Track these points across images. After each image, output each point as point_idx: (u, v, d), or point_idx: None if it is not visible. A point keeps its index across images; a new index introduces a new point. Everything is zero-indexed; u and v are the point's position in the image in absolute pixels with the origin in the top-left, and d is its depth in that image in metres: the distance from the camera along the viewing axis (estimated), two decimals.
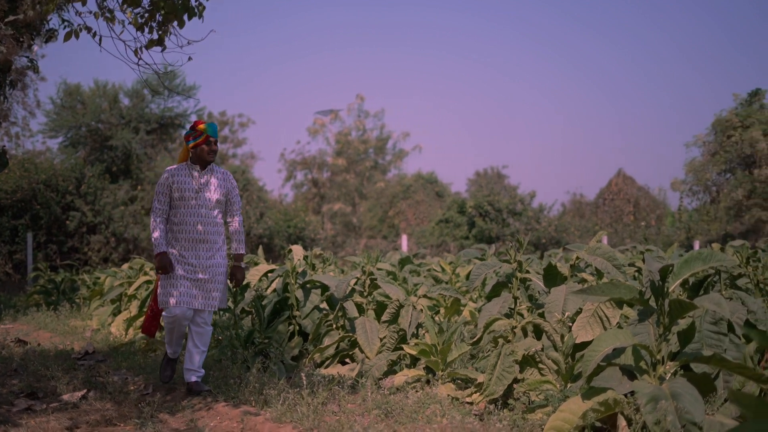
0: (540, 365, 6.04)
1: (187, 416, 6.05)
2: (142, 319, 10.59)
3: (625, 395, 4.94)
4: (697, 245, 31.89)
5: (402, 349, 7.22)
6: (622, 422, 4.91)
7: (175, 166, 7.08)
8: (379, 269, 9.06)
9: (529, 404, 5.64)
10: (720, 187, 44.37)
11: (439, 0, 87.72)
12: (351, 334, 7.70)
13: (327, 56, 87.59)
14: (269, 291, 9.01)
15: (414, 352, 6.78)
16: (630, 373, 5.11)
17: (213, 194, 7.00)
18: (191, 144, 6.99)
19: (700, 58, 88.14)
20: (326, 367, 7.67)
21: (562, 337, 5.91)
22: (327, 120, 50.45)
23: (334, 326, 8.07)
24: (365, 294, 8.14)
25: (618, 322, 5.83)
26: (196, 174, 6.99)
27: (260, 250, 11.36)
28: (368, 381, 6.67)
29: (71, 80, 42.12)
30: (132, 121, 30.07)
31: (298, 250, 9.26)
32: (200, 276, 6.88)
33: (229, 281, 7.18)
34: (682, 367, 5.22)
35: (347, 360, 7.82)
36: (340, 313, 8.04)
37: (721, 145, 42.96)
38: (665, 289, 5.00)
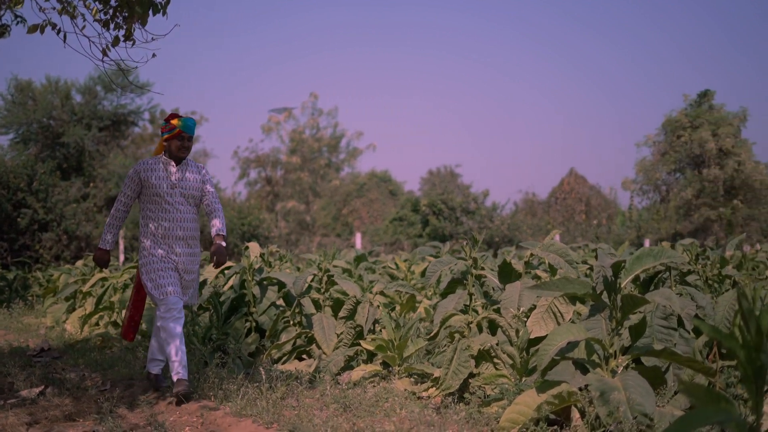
0: (495, 360, 6.15)
1: (146, 411, 6.08)
2: (97, 316, 10.57)
3: (579, 388, 5.06)
4: (647, 244, 32.30)
5: (359, 344, 7.31)
6: (575, 414, 5.04)
7: (149, 159, 6.91)
8: (335, 266, 9.14)
9: (485, 398, 5.75)
10: (670, 186, 44.96)
11: None
12: (308, 331, 7.76)
13: (281, 54, 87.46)
14: (226, 288, 9.06)
15: (371, 348, 6.86)
16: (583, 367, 5.24)
17: (189, 189, 6.84)
18: (165, 137, 6.82)
19: (651, 59, 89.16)
20: (283, 363, 7.73)
21: (517, 332, 6.02)
22: (281, 118, 50.42)
23: (291, 323, 8.13)
24: (322, 291, 8.21)
25: (571, 318, 5.96)
26: (172, 169, 6.82)
27: None
28: (326, 376, 6.76)
29: (22, 76, 41.61)
30: (84, 117, 29.79)
31: (254, 248, 9.30)
32: (181, 269, 6.75)
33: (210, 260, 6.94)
34: (634, 360, 5.35)
35: (304, 356, 7.89)
36: (297, 310, 8.10)
37: (671, 145, 43.55)
38: (617, 285, 5.13)
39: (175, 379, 6.45)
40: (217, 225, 6.87)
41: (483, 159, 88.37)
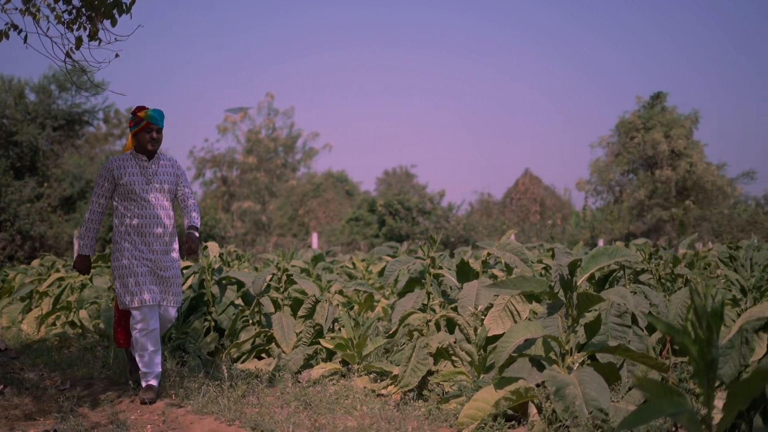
0: (453, 357, 6.25)
1: (107, 410, 6.08)
2: (54, 316, 10.52)
3: (536, 385, 5.16)
4: (601, 244, 32.61)
5: (318, 343, 7.36)
6: (532, 410, 5.14)
7: (119, 155, 6.67)
8: (293, 266, 9.17)
9: (444, 395, 5.83)
10: (623, 187, 45.45)
11: None
12: (267, 330, 7.80)
13: (237, 54, 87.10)
14: (185, 287, 9.06)
15: (330, 346, 6.92)
16: (540, 364, 5.34)
17: (163, 184, 6.62)
18: (133, 131, 6.58)
19: (605, 61, 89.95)
20: (243, 362, 7.76)
21: (475, 329, 6.11)
22: (237, 117, 50.21)
23: (251, 322, 8.16)
24: (281, 290, 8.25)
25: (527, 317, 6.06)
26: (143, 164, 6.58)
27: None
28: (285, 375, 6.81)
29: None
30: (38, 116, 29.54)
31: (213, 247, 9.31)
32: (158, 271, 6.50)
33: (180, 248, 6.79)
34: (589, 357, 5.46)
35: (263, 355, 7.92)
36: (256, 309, 8.13)
37: (625, 146, 44.03)
38: (574, 283, 5.23)
39: (143, 384, 6.41)
40: (191, 216, 6.80)
41: (439, 159, 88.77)
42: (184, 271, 9.11)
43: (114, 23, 6.26)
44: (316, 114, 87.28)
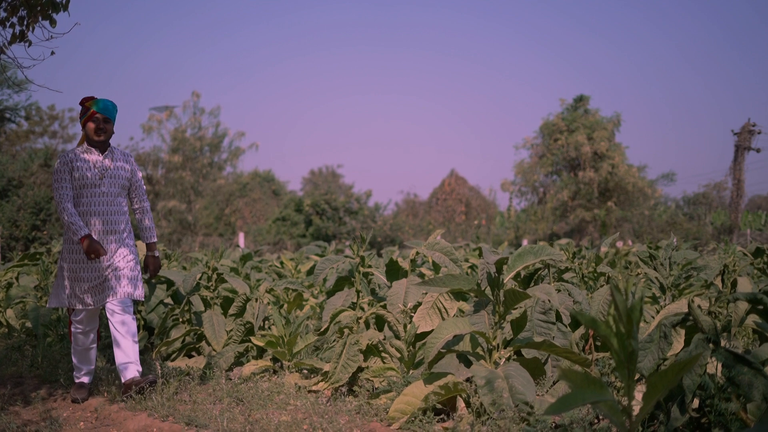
0: (383, 354, 6.37)
1: (39, 407, 6.06)
2: None
3: (465, 379, 5.31)
4: (525, 244, 33.06)
5: (249, 341, 7.43)
6: (461, 404, 5.28)
7: (73, 149, 6.42)
8: (222, 265, 9.20)
9: (374, 390, 5.94)
10: (547, 188, 46.07)
11: None
12: (198, 328, 7.83)
13: (162, 52, 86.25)
14: None
15: (261, 344, 6.99)
16: (468, 359, 5.49)
17: (117, 179, 6.41)
18: (81, 122, 6.41)
19: (531, 63, 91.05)
20: (173, 360, 7.78)
21: (405, 327, 6.23)
22: (162, 116, 49.70)
23: (181, 320, 8.18)
24: (211, 288, 8.28)
25: (455, 314, 6.20)
26: (96, 157, 6.38)
27: None
28: (216, 372, 6.86)
29: None
30: None
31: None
32: (110, 267, 6.24)
33: (143, 272, 6.60)
34: (516, 352, 5.63)
35: (194, 353, 7.95)
36: (186, 308, 8.15)
37: (549, 148, 44.64)
38: (501, 281, 5.38)
39: (76, 381, 6.38)
40: (147, 231, 6.69)
41: (365, 160, 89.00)
42: None
43: (53, 24, 6.23)
44: (243, 113, 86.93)
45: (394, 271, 7.39)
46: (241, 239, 25.74)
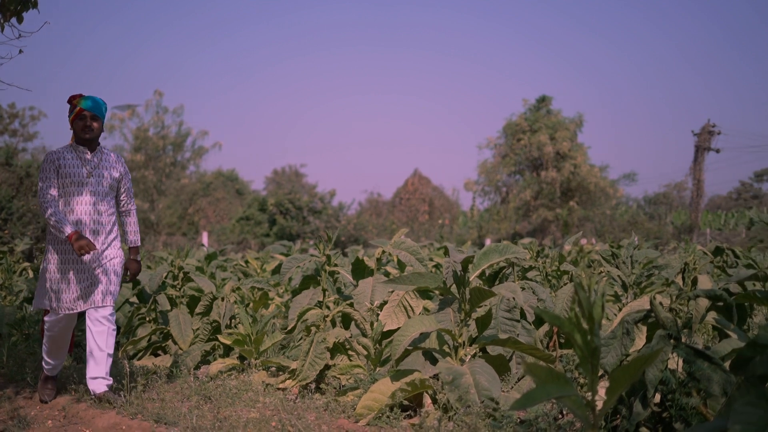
0: (350, 352, 6.44)
1: (6, 406, 6.04)
2: None
3: (431, 376, 5.39)
4: (488, 243, 33.25)
5: (216, 339, 7.46)
6: (427, 400, 5.35)
7: (61, 147, 6.24)
8: (187, 264, 9.21)
9: (341, 388, 6.01)
10: (510, 187, 46.28)
11: None
12: (164, 327, 7.85)
13: (125, 51, 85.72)
14: None
15: (228, 342, 7.02)
16: (434, 356, 5.57)
17: (105, 179, 6.20)
18: (69, 119, 6.19)
19: (494, 64, 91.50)
20: (139, 359, 7.80)
21: (372, 325, 6.30)
22: (125, 115, 49.40)
23: (147, 319, 8.19)
24: (178, 287, 8.30)
25: (421, 312, 6.28)
26: (85, 156, 6.17)
27: None
28: (183, 370, 6.89)
29: None
30: None
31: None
32: (96, 270, 6.04)
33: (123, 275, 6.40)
34: (481, 349, 5.72)
35: (160, 352, 7.97)
36: (152, 307, 8.16)
37: (511, 148, 44.86)
38: (466, 279, 5.47)
39: (42, 377, 6.27)
40: (131, 235, 6.56)
41: (328, 159, 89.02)
42: None
43: (20, 20, 6.22)
44: (206, 112, 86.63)
45: (360, 270, 7.46)
46: (204, 238, 25.72)
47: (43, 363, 6.29)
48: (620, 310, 6.18)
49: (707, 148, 43.72)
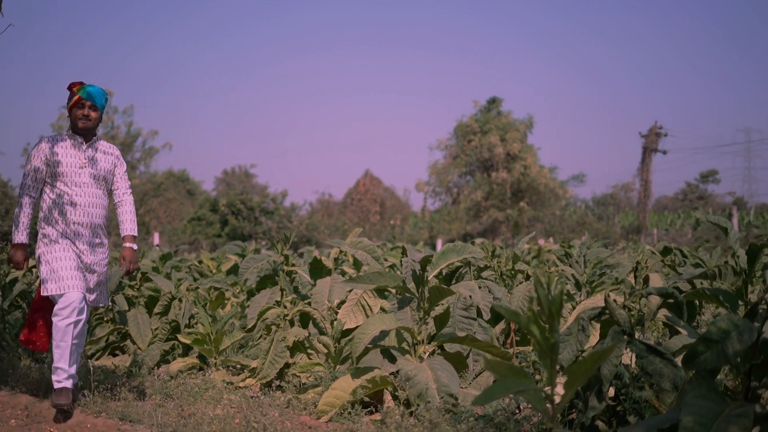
0: (309, 350, 6.54)
1: None
2: None
3: (391, 373, 5.50)
4: (440, 244, 33.44)
5: (175, 339, 7.51)
6: (388, 397, 5.46)
7: (54, 135, 6.04)
8: (142, 265, 9.24)
9: (301, 386, 6.10)
10: (461, 188, 46.53)
11: None
12: (122, 327, 7.87)
13: (74, 50, 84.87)
14: (36, 284, 8.97)
15: (188, 341, 7.07)
16: (393, 354, 5.68)
17: (100, 171, 5.99)
18: (67, 107, 5.99)
19: (445, 65, 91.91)
20: (98, 359, 7.82)
21: (331, 323, 6.39)
22: None
23: (105, 319, 8.20)
24: (136, 287, 8.32)
25: (378, 311, 6.39)
26: (80, 146, 5.97)
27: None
28: (143, 370, 6.93)
29: None
30: None
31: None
32: (86, 264, 5.84)
33: (120, 265, 6.16)
34: (439, 347, 5.84)
35: (118, 352, 8.00)
36: (110, 307, 8.17)
37: (462, 149, 45.10)
38: (425, 278, 5.58)
39: (56, 387, 5.61)
40: (127, 224, 6.22)
41: (278, 160, 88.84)
42: (34, 269, 8.97)
43: None
44: (156, 112, 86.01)
45: (317, 270, 7.56)
46: (156, 239, 25.60)
47: (54, 376, 5.66)
48: (573, 308, 6.33)
49: (654, 150, 44.39)
